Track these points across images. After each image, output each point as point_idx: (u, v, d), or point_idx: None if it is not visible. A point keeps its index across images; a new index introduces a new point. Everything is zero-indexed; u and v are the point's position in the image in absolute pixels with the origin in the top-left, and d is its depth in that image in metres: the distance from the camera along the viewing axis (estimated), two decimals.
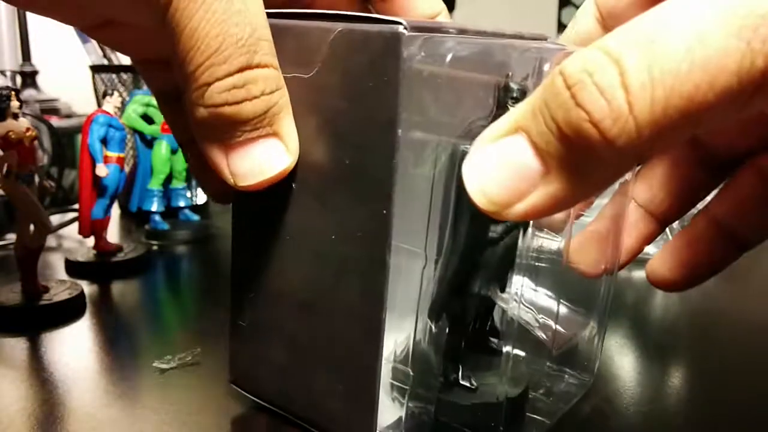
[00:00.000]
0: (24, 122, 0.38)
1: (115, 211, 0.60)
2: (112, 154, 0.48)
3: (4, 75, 1.01)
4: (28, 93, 0.99)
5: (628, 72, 0.14)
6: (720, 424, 0.29)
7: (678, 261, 0.25)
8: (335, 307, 0.23)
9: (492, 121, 0.21)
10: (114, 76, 0.64)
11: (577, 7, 0.28)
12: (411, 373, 0.23)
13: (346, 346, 0.23)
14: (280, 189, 0.23)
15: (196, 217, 0.58)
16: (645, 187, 0.27)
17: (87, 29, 0.25)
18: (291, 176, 0.23)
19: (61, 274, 0.46)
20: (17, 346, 0.34)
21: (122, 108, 0.54)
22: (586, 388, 0.29)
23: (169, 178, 0.56)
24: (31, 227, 0.38)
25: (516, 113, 0.16)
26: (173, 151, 0.56)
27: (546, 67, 0.20)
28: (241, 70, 0.20)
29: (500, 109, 0.22)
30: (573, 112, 0.14)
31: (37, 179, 0.39)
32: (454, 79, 0.22)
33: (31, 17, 1.05)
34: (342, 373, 0.23)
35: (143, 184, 0.56)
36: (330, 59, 0.21)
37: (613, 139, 0.14)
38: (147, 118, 0.56)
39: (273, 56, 0.21)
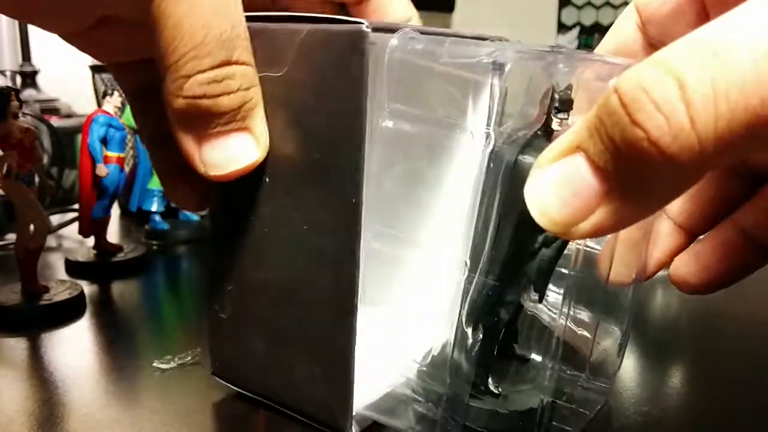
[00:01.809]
0: (24, 122, 0.38)
1: (115, 211, 0.60)
2: (112, 154, 0.48)
3: (4, 75, 1.01)
4: (28, 93, 0.99)
5: (689, 86, 0.13)
6: (720, 425, 0.29)
7: (702, 265, 0.25)
8: (310, 296, 0.24)
9: (537, 131, 0.21)
10: None
11: (577, 7, 0.28)
12: (447, 380, 0.23)
13: (322, 332, 0.24)
14: (254, 184, 0.24)
15: (196, 217, 0.58)
16: (750, 215, 0.26)
17: (72, 35, 0.25)
18: (264, 171, 0.24)
19: (61, 274, 0.46)
20: (17, 346, 0.34)
21: (122, 108, 0.54)
22: (607, 395, 0.28)
23: None
24: (31, 227, 0.38)
25: (573, 133, 0.16)
26: None
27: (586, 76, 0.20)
28: (221, 65, 0.21)
29: (540, 117, 0.21)
30: (629, 131, 0.14)
31: (37, 179, 0.39)
32: (430, 74, 0.23)
33: None
34: (318, 358, 0.24)
35: (143, 184, 0.56)
36: (299, 58, 0.23)
37: (673, 155, 0.13)
38: None
39: (250, 54, 0.22)
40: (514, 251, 0.22)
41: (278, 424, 0.27)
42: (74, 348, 0.35)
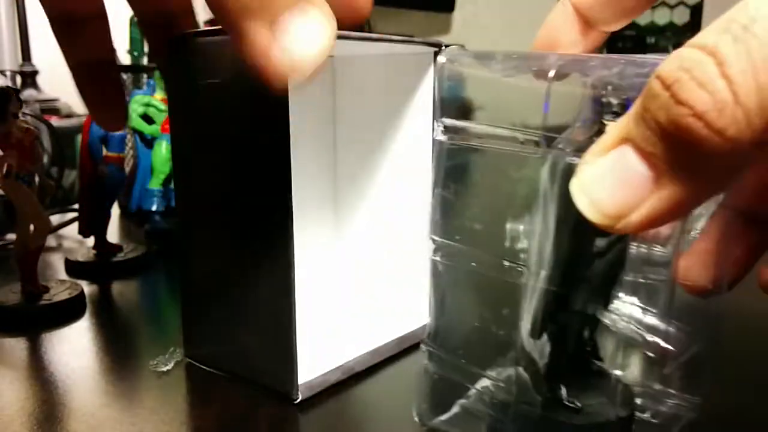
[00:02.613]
0: (24, 122, 0.38)
1: (115, 211, 0.60)
2: (112, 154, 0.48)
3: (4, 75, 1.01)
4: (28, 93, 0.99)
5: (726, 62, 0.13)
6: (720, 424, 0.28)
7: (708, 261, 0.24)
8: (258, 279, 0.29)
9: (592, 136, 0.21)
10: None
11: None
12: (515, 391, 0.23)
13: (268, 310, 0.29)
14: (216, 188, 0.30)
15: None
16: (743, 194, 0.25)
17: None
18: (221, 175, 0.29)
19: (61, 274, 0.46)
20: (17, 346, 0.34)
21: None
22: (696, 410, 0.27)
23: (169, 178, 0.56)
24: (31, 227, 0.38)
25: (618, 126, 0.16)
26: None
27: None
28: None
29: (597, 122, 0.21)
30: (674, 111, 0.14)
31: (37, 179, 0.39)
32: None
33: (32, 17, 1.05)
34: (267, 334, 0.29)
35: (143, 184, 0.56)
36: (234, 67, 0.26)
37: (722, 129, 0.13)
38: (147, 118, 0.56)
39: None
40: (573, 256, 0.21)
41: (279, 424, 0.27)
42: (74, 348, 0.35)
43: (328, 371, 0.30)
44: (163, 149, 0.55)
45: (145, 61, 0.68)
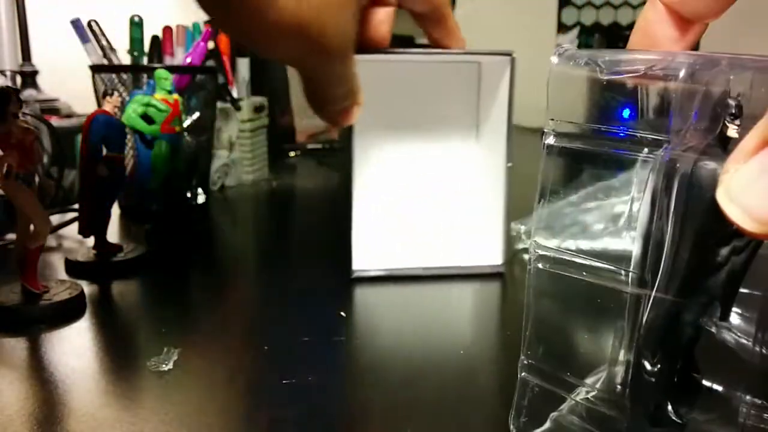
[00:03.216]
0: (24, 122, 0.38)
1: (115, 211, 0.60)
2: (112, 154, 0.48)
3: (5, 75, 1.01)
4: (29, 93, 0.99)
5: None
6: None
7: None
8: (342, 193, 0.48)
9: (711, 141, 0.19)
10: (114, 76, 0.64)
11: (577, 7, 0.27)
12: (628, 406, 0.22)
13: (342, 214, 0.47)
14: None
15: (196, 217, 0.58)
16: None
17: None
18: None
19: (61, 274, 0.46)
20: (17, 346, 0.34)
21: (122, 108, 0.54)
22: None
23: (168, 178, 0.56)
24: (31, 227, 0.38)
25: (759, 128, 0.15)
26: (173, 151, 0.56)
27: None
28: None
29: (717, 125, 0.20)
30: None
31: (37, 179, 0.39)
32: None
33: (32, 17, 1.05)
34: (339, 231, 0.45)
35: (143, 184, 0.56)
36: None
37: None
38: (147, 118, 0.56)
39: None
40: (694, 265, 0.20)
41: (278, 423, 0.27)
42: (74, 348, 0.35)
43: (380, 267, 0.45)
44: (162, 149, 0.55)
45: (145, 61, 0.68)
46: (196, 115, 0.66)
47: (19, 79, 1.01)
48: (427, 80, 0.49)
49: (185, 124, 0.60)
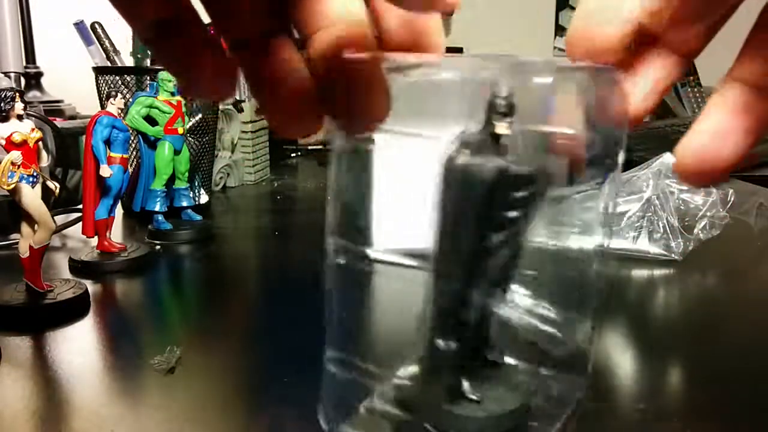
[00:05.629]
0: (28, 123, 0.38)
1: (119, 211, 0.61)
2: (116, 155, 0.48)
3: (9, 76, 1.02)
4: (33, 94, 0.99)
5: None
6: (719, 423, 0.29)
7: (727, 135, 0.21)
8: None
9: (480, 135, 0.21)
10: (117, 77, 0.64)
11: (575, 10, 0.27)
12: (420, 388, 0.24)
13: None
14: None
15: (198, 217, 0.58)
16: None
17: None
18: None
19: (65, 273, 0.46)
20: (22, 344, 0.35)
21: (125, 109, 0.55)
22: (584, 390, 0.29)
23: (171, 179, 0.57)
24: (36, 227, 0.39)
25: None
26: (176, 152, 0.57)
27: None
28: None
29: (487, 123, 0.22)
30: None
31: (41, 180, 0.40)
32: None
33: (36, 19, 1.06)
34: None
35: (146, 185, 0.56)
36: None
37: None
38: (150, 120, 0.56)
39: None
40: (473, 250, 0.22)
41: (279, 423, 0.27)
42: (78, 346, 0.35)
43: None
44: (165, 150, 0.56)
45: (148, 63, 0.69)
46: (199, 116, 0.66)
47: (23, 81, 1.02)
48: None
49: (188, 126, 0.61)
